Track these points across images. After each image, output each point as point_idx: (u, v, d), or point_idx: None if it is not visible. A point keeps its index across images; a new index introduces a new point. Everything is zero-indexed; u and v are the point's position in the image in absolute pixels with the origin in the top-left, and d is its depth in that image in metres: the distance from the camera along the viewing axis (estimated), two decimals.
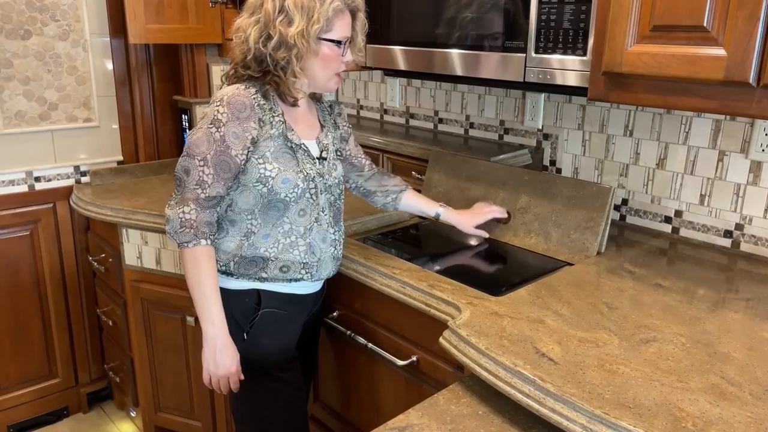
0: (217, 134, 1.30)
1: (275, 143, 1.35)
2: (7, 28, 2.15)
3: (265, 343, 1.43)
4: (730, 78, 1.09)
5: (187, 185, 1.32)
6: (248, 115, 1.31)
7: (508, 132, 2.07)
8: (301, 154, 1.39)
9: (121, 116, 2.46)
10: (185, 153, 1.33)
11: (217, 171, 1.31)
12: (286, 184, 1.35)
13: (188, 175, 1.32)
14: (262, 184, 1.34)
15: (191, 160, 1.31)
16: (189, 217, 1.31)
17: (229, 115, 1.30)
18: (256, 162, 1.33)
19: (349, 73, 2.61)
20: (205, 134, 1.31)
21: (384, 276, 1.48)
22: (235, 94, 1.32)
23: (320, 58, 1.35)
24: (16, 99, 2.21)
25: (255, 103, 1.32)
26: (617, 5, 1.23)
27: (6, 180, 2.25)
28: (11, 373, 2.39)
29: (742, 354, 1.10)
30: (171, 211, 1.33)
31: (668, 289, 1.37)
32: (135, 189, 2.27)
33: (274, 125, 1.35)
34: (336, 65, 1.38)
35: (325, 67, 1.38)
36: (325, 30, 1.33)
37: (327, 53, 1.36)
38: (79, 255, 2.44)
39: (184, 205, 1.31)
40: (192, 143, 1.32)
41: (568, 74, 1.40)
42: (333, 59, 1.37)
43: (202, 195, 1.31)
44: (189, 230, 1.31)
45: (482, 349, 1.11)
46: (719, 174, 1.59)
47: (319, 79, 1.39)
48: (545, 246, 1.64)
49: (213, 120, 1.30)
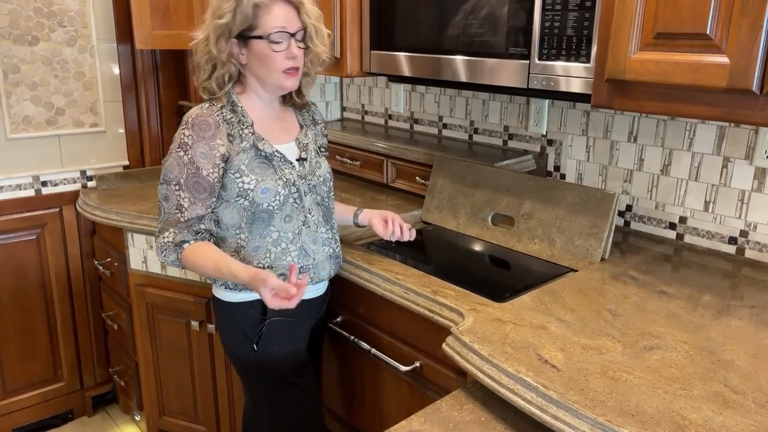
0: (186, 157, 1.31)
1: (248, 155, 1.35)
2: (15, 33, 2.17)
3: (275, 351, 1.44)
4: (734, 86, 1.09)
5: (167, 211, 1.35)
6: (213, 133, 1.32)
7: (512, 137, 2.08)
8: (277, 161, 1.38)
9: (127, 121, 2.47)
10: (161, 179, 1.36)
11: (192, 193, 1.32)
12: (266, 193, 1.35)
13: (167, 201, 1.35)
14: (243, 198, 1.35)
15: (167, 186, 1.34)
16: (168, 240, 1.34)
17: (194, 137, 1.31)
18: (233, 177, 1.34)
19: (354, 79, 2.62)
20: (174, 159, 1.33)
21: (388, 282, 1.48)
22: (199, 114, 1.33)
23: (255, 56, 1.32)
24: (23, 104, 2.23)
25: (220, 119, 1.33)
26: (620, 13, 1.23)
27: (13, 184, 2.27)
28: (17, 377, 2.40)
29: (746, 362, 1.10)
30: (156, 241, 1.37)
31: (672, 296, 1.37)
32: (140, 193, 2.29)
33: (245, 138, 1.35)
34: (278, 62, 1.32)
35: (264, 65, 1.33)
36: (247, 27, 1.29)
37: (260, 50, 1.31)
38: (84, 259, 2.45)
39: (165, 231, 1.35)
40: (165, 169, 1.35)
41: (571, 81, 1.40)
42: (268, 56, 1.31)
43: (182, 218, 1.33)
44: (169, 248, 1.34)
45: (485, 355, 1.11)
46: (724, 180, 1.59)
47: (263, 77, 1.36)
48: (549, 252, 1.64)
49: (180, 144, 1.33)
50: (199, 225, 1.35)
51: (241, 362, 1.50)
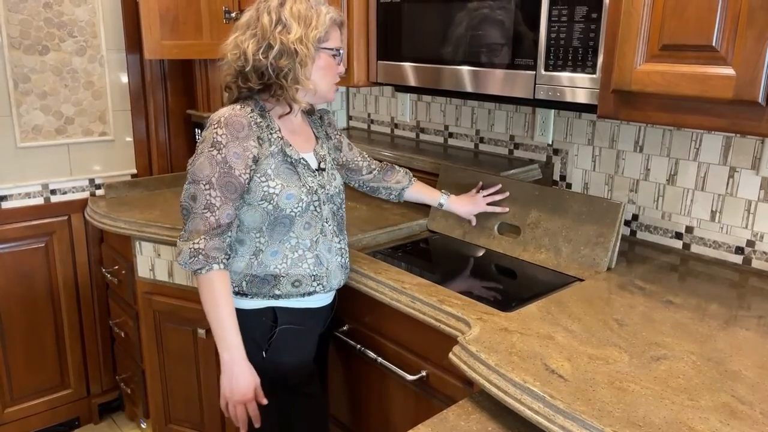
0: (219, 156, 1.30)
1: (275, 160, 1.36)
2: (26, 43, 2.19)
3: (285, 360, 1.44)
4: (739, 97, 1.10)
5: (194, 211, 1.31)
6: (247, 134, 1.32)
7: (518, 147, 2.08)
8: (302, 168, 1.40)
9: (135, 130, 2.49)
10: (189, 180, 1.33)
11: (224, 192, 1.30)
12: (290, 199, 1.36)
13: (195, 201, 1.31)
14: (267, 202, 1.35)
15: (196, 185, 1.31)
16: (198, 246, 1.30)
17: (228, 136, 1.30)
18: (259, 180, 1.34)
19: (360, 88, 2.63)
20: (206, 158, 1.31)
21: (394, 290, 1.49)
22: (232, 114, 1.32)
23: (320, 66, 1.38)
24: (33, 113, 2.25)
25: (252, 122, 1.34)
26: (626, 24, 1.24)
27: (23, 192, 2.29)
28: (24, 384, 2.41)
29: (754, 372, 1.10)
30: (182, 243, 1.32)
31: (679, 306, 1.37)
32: (148, 202, 2.30)
33: (273, 142, 1.36)
34: (333, 75, 1.43)
35: (325, 76, 1.41)
36: (323, 39, 1.37)
37: (326, 62, 1.39)
38: (92, 267, 2.47)
39: (195, 236, 1.31)
40: (195, 169, 1.32)
41: (577, 92, 1.41)
42: (331, 68, 1.41)
43: (212, 218, 1.30)
44: (199, 257, 1.30)
45: (492, 365, 1.11)
46: (730, 190, 1.59)
47: (321, 88, 1.41)
48: (555, 261, 1.64)
49: (213, 143, 1.31)
50: (228, 232, 1.33)
51: None
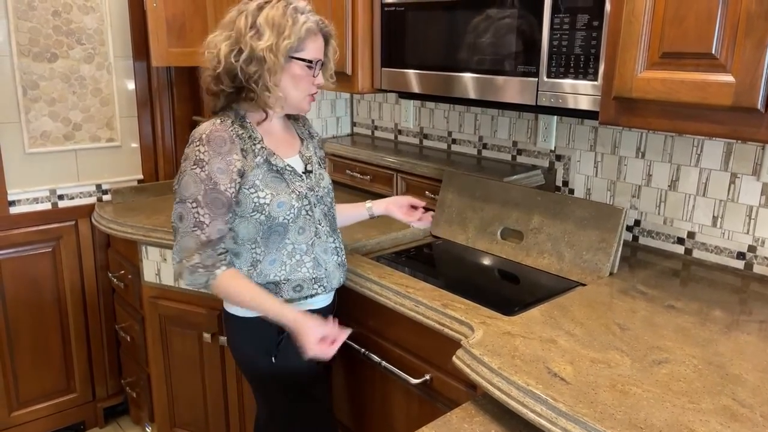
0: (203, 174, 1.31)
1: (261, 170, 1.37)
2: (35, 51, 2.22)
3: (293, 364, 1.45)
4: (739, 104, 1.11)
5: (183, 230, 1.32)
6: (229, 148, 1.33)
7: (521, 153, 2.10)
8: (288, 174, 1.41)
9: (142, 136, 2.52)
10: (176, 200, 1.34)
11: (212, 209, 1.31)
12: (281, 207, 1.37)
13: (183, 221, 1.32)
14: (259, 212, 1.36)
15: (183, 205, 1.32)
16: (194, 263, 1.32)
17: (210, 153, 1.31)
18: (248, 192, 1.35)
19: (365, 95, 2.65)
20: (190, 176, 1.32)
21: (398, 295, 1.50)
22: (213, 130, 1.33)
23: (291, 76, 1.37)
24: (42, 119, 2.28)
25: (234, 135, 1.34)
26: (627, 32, 1.26)
27: (30, 198, 2.32)
28: (30, 388, 2.43)
29: (755, 376, 1.11)
30: (178, 266, 1.34)
31: (681, 311, 1.38)
32: (154, 207, 2.32)
33: (257, 153, 1.37)
34: (307, 86, 1.40)
35: (296, 86, 1.39)
36: (296, 49, 1.34)
37: (298, 72, 1.37)
38: (99, 271, 2.49)
39: (188, 255, 1.32)
40: (181, 188, 1.33)
41: (579, 98, 1.42)
42: (304, 79, 1.38)
43: (203, 236, 1.31)
44: (199, 270, 1.33)
45: (495, 368, 1.12)
46: (731, 196, 1.60)
47: (292, 97, 1.40)
48: (558, 266, 1.66)
49: (196, 160, 1.32)
50: (220, 244, 1.34)
51: (258, 375, 1.52)
